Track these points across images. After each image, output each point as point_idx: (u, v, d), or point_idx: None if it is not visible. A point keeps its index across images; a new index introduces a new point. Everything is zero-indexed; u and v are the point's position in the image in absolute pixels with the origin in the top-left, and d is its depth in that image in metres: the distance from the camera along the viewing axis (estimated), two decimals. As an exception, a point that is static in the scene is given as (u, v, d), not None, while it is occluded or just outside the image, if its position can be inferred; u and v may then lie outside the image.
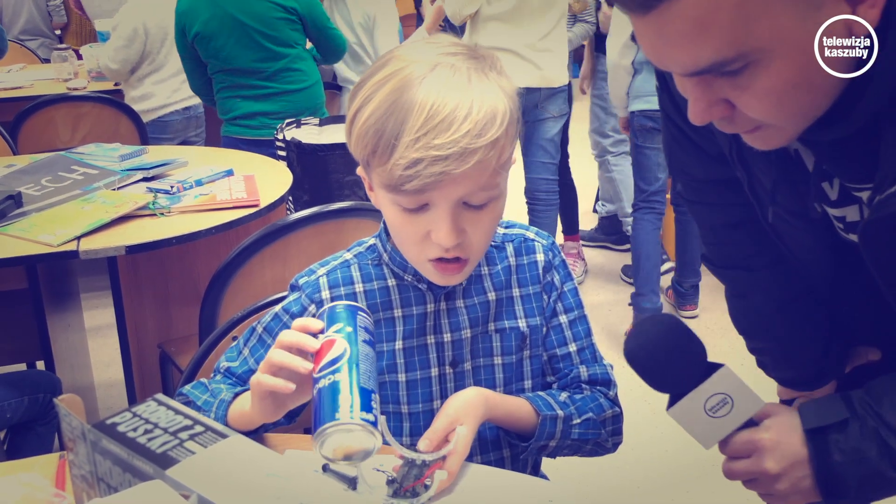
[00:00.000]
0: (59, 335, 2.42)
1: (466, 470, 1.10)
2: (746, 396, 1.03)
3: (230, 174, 2.48)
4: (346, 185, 2.99)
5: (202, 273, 2.48)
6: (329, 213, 1.97)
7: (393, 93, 1.01)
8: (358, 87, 1.07)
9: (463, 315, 1.19)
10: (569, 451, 1.22)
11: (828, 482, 1.01)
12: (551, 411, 1.18)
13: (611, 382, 1.26)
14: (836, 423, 1.00)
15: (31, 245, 1.99)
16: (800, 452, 1.02)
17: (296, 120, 3.23)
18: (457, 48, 1.06)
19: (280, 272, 2.03)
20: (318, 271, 1.21)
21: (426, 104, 0.99)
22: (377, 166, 1.04)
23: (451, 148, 0.98)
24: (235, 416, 1.09)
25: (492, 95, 1.02)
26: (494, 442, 1.22)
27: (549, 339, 1.25)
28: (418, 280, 1.18)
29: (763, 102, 0.85)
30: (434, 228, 1.05)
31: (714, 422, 1.03)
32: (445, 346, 1.19)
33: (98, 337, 3.35)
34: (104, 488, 0.89)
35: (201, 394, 1.16)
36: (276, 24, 3.24)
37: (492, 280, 1.22)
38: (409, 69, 1.02)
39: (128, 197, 2.23)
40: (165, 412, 0.91)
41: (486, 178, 1.03)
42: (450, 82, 1.01)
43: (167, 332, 2.51)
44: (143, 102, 3.74)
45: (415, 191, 1.01)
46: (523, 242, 1.25)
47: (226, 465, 0.84)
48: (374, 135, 1.01)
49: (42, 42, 5.76)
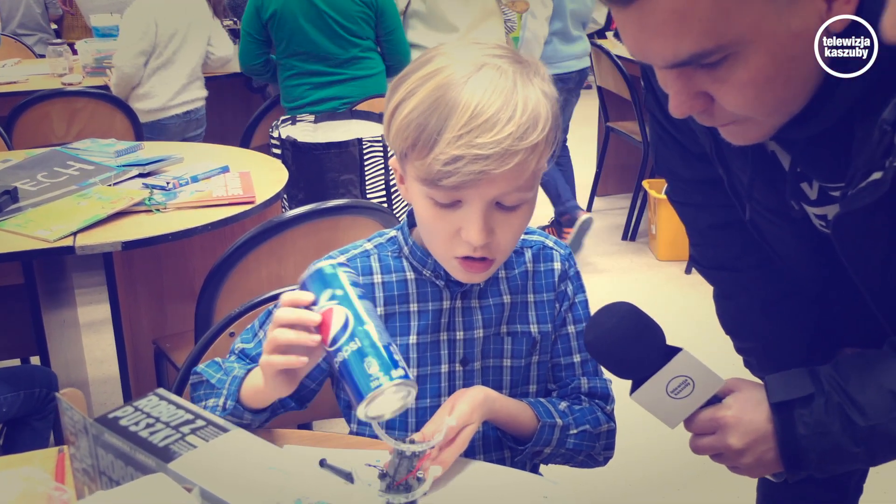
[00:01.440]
0: (55, 331, 2.43)
1: (464, 465, 1.12)
2: (707, 377, 1.05)
3: (226, 171, 2.48)
4: (340, 184, 3.00)
5: (197, 269, 2.49)
6: (325, 210, 1.99)
7: (438, 88, 1.02)
8: (400, 81, 1.08)
9: (477, 315, 1.21)
10: (561, 459, 1.24)
11: (791, 455, 1.04)
12: (551, 419, 1.20)
13: (609, 397, 1.28)
14: (801, 398, 1.03)
15: (28, 240, 1.99)
16: (763, 427, 1.05)
17: (291, 116, 3.24)
18: (502, 51, 1.08)
19: (275, 269, 2.04)
20: (337, 258, 1.22)
21: (471, 103, 1.00)
22: (415, 159, 1.05)
23: (493, 148, 0.99)
24: (249, 393, 1.11)
25: (535, 100, 1.03)
26: (497, 442, 1.24)
27: (555, 347, 1.26)
28: (436, 276, 1.19)
29: (741, 95, 0.87)
30: (465, 226, 1.06)
31: (677, 403, 1.06)
32: (458, 344, 1.20)
33: (91, 333, 3.35)
34: (106, 481, 0.90)
35: (215, 372, 1.18)
36: (354, 16, 3.28)
37: (508, 283, 1.23)
38: (456, 67, 1.03)
39: (124, 193, 2.24)
40: (167, 406, 0.92)
41: (522, 181, 1.04)
42: (496, 83, 1.02)
43: (161, 328, 2.51)
44: (144, 101, 3.69)
45: (451, 187, 1.02)
46: (542, 250, 1.26)
47: (227, 458, 0.85)
48: (416, 128, 1.03)
49: (40, 37, 5.74)
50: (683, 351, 1.04)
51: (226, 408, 1.12)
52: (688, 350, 1.04)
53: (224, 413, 1.12)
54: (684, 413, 1.07)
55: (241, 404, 1.11)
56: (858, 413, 1.00)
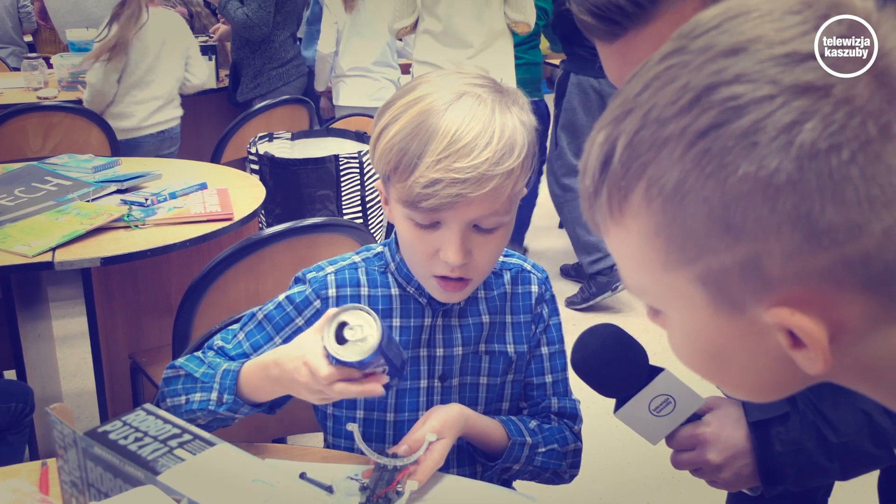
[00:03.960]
0: (30, 344, 2.43)
1: (440, 479, 1.15)
2: (687, 396, 1.10)
3: (204, 187, 2.51)
4: (317, 199, 3.04)
5: (174, 284, 2.51)
6: (303, 228, 2.02)
7: (420, 115, 1.07)
8: (386, 107, 1.13)
9: (457, 333, 1.25)
10: (529, 475, 1.29)
11: (768, 471, 1.09)
12: (521, 437, 1.24)
13: (577, 417, 1.33)
14: (778, 416, 1.08)
15: (6, 256, 2.00)
16: (740, 443, 1.10)
17: (268, 134, 3.28)
18: (483, 80, 1.12)
19: (253, 286, 2.07)
20: (326, 268, 1.25)
21: (450, 129, 1.05)
22: (397, 182, 1.09)
23: (469, 172, 1.04)
24: (248, 389, 1.14)
25: (512, 127, 1.08)
26: (470, 456, 1.28)
27: (529, 367, 1.31)
28: (420, 293, 1.23)
29: None
30: (443, 247, 1.11)
31: (659, 420, 1.11)
32: (437, 361, 1.25)
33: (64, 346, 3.35)
34: (94, 493, 0.93)
35: (197, 366, 1.20)
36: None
37: (487, 304, 1.27)
38: (438, 94, 1.08)
39: (103, 209, 2.26)
40: (154, 421, 0.96)
41: (498, 205, 1.09)
42: (474, 111, 1.07)
43: (137, 343, 2.53)
44: (119, 120, 3.67)
45: (430, 209, 1.07)
46: (520, 273, 1.30)
47: (214, 471, 0.88)
48: (398, 152, 1.08)
49: (13, 51, 5.72)
50: (665, 371, 1.09)
51: (222, 402, 1.14)
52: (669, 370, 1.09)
53: (219, 407, 1.14)
54: (666, 430, 1.12)
55: (240, 398, 1.14)
56: (832, 430, 1.05)
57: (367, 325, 1.01)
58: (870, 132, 0.52)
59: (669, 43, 0.59)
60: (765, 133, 0.52)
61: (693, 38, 0.57)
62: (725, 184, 0.53)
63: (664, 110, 0.56)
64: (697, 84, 0.55)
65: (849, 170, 0.51)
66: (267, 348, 1.20)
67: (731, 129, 0.53)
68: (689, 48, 0.57)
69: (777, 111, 0.52)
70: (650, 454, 1.18)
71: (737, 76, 0.53)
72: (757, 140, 0.52)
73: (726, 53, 0.54)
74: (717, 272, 0.56)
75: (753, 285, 0.55)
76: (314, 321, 1.20)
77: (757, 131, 0.52)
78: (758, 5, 0.56)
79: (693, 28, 0.58)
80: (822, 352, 0.56)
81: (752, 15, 0.56)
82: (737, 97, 0.53)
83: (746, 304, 0.57)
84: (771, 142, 0.52)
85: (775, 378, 0.63)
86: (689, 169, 0.54)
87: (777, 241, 0.53)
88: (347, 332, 1.01)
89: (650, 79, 0.58)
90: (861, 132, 0.52)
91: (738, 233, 0.54)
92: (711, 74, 0.54)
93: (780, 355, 0.58)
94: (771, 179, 0.52)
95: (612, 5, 0.92)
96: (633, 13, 0.92)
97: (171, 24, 3.80)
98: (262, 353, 1.19)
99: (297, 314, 1.22)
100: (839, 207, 0.52)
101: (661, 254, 0.58)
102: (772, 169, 0.52)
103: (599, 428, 1.37)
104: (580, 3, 0.95)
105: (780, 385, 0.64)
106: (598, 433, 1.36)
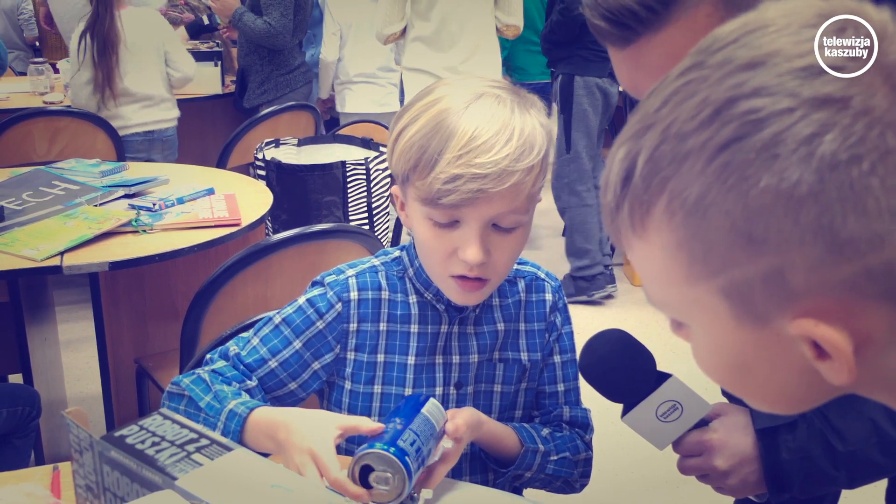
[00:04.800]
0: (37, 349, 2.43)
1: (453, 486, 1.15)
2: (695, 402, 1.10)
3: (211, 193, 2.51)
4: (323, 205, 3.04)
5: (180, 289, 2.51)
6: (312, 234, 2.02)
7: (440, 114, 1.08)
8: (404, 110, 1.14)
9: (473, 340, 1.25)
10: (540, 483, 1.28)
11: (775, 478, 1.09)
12: (534, 444, 1.24)
13: (589, 426, 1.33)
14: (785, 424, 1.08)
15: (14, 259, 2.00)
16: (747, 450, 1.10)
17: (275, 140, 3.28)
18: (501, 83, 1.14)
19: (261, 291, 2.06)
20: (346, 272, 1.24)
21: (470, 127, 1.06)
22: (416, 180, 1.10)
23: (490, 168, 1.05)
24: (252, 436, 1.10)
25: (531, 127, 1.10)
26: (483, 463, 1.27)
27: (542, 375, 1.31)
28: (438, 300, 1.23)
29: None
30: (462, 245, 1.11)
31: (666, 426, 1.11)
32: (453, 368, 1.24)
33: (69, 351, 3.34)
34: (110, 497, 0.93)
35: (202, 393, 1.14)
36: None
37: (502, 311, 1.27)
38: (457, 95, 1.10)
39: (111, 213, 2.26)
40: (171, 426, 0.95)
41: (517, 202, 1.10)
42: (494, 110, 1.08)
43: (143, 348, 2.52)
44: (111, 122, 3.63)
45: (450, 205, 1.07)
46: (534, 281, 1.31)
47: (233, 476, 0.88)
48: (418, 150, 1.08)
49: (17, 55, 5.74)
50: (673, 377, 1.09)
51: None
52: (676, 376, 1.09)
53: None
54: (673, 436, 1.12)
55: (242, 443, 1.09)
56: (839, 439, 1.05)
57: (393, 478, 1.00)
58: (889, 143, 0.52)
59: (688, 58, 0.59)
60: (785, 145, 0.52)
61: (711, 52, 0.57)
62: (747, 196, 0.53)
63: (684, 125, 0.56)
64: (717, 98, 0.55)
65: (869, 180, 0.52)
66: (286, 352, 1.20)
67: (751, 142, 0.53)
68: (708, 63, 0.57)
69: (797, 123, 0.52)
70: (650, 455, 1.18)
71: (756, 90, 0.54)
72: (778, 152, 0.52)
73: (745, 67, 0.55)
74: (741, 284, 0.56)
75: (777, 297, 0.55)
76: (335, 325, 1.21)
77: (777, 144, 0.52)
78: (775, 19, 0.57)
79: (711, 43, 0.58)
80: (847, 362, 0.55)
81: (770, 29, 0.56)
82: (757, 110, 0.53)
83: (770, 315, 0.57)
84: (791, 154, 0.52)
85: (800, 390, 0.62)
86: (711, 182, 0.55)
87: (800, 252, 0.53)
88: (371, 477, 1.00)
89: (669, 94, 0.58)
90: (880, 143, 0.52)
91: (760, 245, 0.54)
92: (731, 88, 0.55)
93: (804, 367, 0.58)
94: (792, 191, 0.52)
95: (625, 10, 0.93)
96: (646, 18, 0.93)
97: (140, 23, 3.68)
98: (282, 358, 1.19)
99: (318, 317, 1.21)
100: (860, 218, 0.52)
101: (684, 267, 0.58)
102: (793, 181, 0.52)
103: (599, 428, 1.37)
104: (594, 8, 0.96)
105: (804, 397, 0.64)
106: (598, 433, 1.36)
